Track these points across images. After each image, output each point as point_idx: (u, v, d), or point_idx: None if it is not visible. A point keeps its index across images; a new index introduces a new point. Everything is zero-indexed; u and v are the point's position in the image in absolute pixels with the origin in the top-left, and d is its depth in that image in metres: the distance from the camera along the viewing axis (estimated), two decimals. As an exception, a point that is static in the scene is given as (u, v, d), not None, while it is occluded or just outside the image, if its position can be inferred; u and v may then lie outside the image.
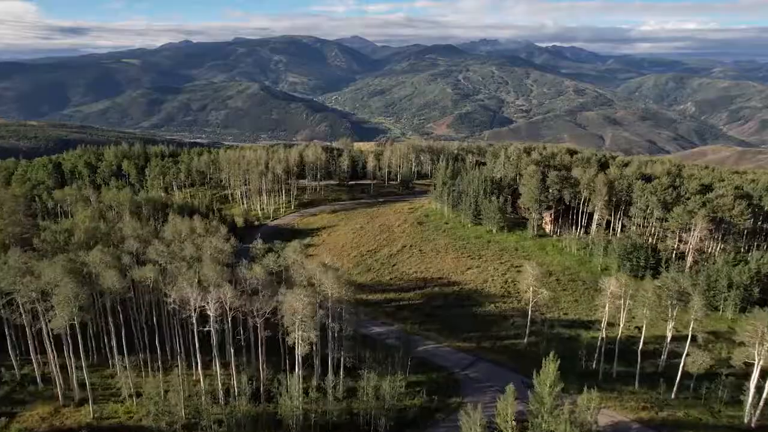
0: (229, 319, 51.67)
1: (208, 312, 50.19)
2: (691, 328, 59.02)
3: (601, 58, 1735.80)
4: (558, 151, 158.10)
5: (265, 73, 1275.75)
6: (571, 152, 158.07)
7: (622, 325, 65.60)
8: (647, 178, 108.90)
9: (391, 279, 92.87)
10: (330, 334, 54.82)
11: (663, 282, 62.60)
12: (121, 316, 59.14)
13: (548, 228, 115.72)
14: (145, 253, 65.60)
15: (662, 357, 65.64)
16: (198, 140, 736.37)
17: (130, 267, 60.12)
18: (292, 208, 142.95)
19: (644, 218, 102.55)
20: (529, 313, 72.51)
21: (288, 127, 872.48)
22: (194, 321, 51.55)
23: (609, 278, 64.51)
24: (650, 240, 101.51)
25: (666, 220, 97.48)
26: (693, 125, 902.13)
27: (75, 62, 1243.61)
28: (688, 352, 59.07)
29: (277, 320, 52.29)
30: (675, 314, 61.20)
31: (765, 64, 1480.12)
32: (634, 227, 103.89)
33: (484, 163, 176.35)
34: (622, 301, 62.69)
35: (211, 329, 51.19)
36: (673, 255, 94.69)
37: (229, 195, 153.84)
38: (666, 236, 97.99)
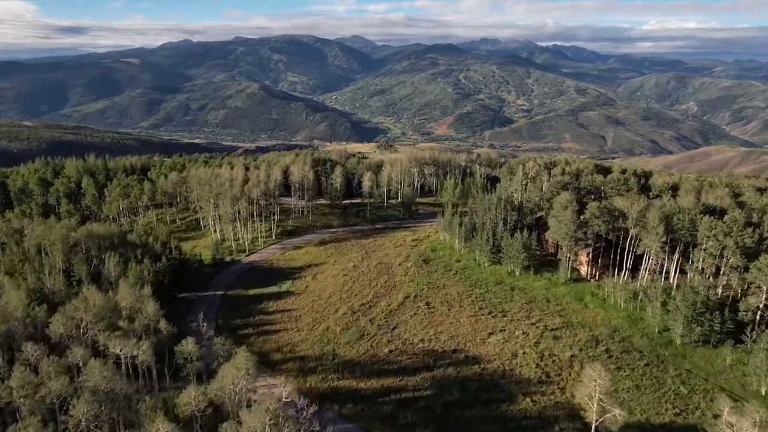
0: None
1: None
2: None
3: (602, 57, 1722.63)
4: (584, 167, 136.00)
5: (265, 72, 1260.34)
6: (601, 169, 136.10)
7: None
8: (711, 210, 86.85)
9: (390, 351, 70.64)
10: None
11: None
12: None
13: (584, 270, 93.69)
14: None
15: None
16: (196, 140, 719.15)
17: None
18: (273, 237, 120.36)
19: (715, 265, 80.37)
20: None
21: (287, 127, 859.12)
22: None
23: (741, 418, 42.08)
24: (719, 290, 79.68)
25: (747, 270, 75.48)
26: (695, 125, 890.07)
27: (74, 62, 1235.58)
28: None
29: None
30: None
31: (766, 64, 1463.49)
32: (699, 276, 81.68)
33: (498, 179, 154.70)
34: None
35: None
36: (757, 317, 72.60)
37: (200, 220, 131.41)
38: (748, 291, 75.86)
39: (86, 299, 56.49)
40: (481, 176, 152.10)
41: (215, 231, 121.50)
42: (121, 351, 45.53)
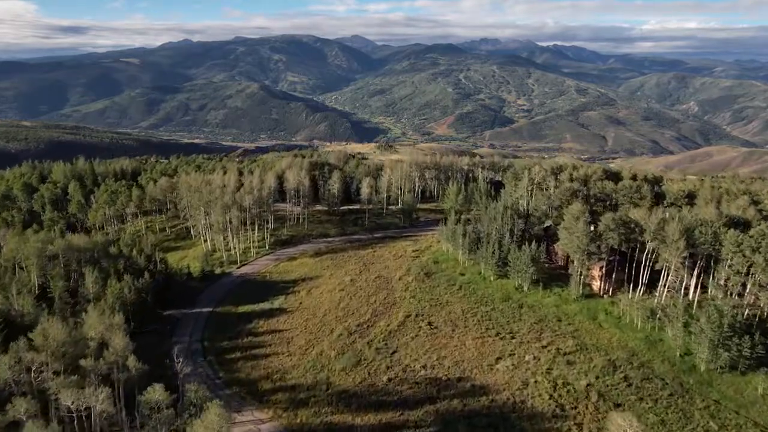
0: None
1: None
2: None
3: (602, 57, 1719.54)
4: (592, 173, 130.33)
5: (265, 72, 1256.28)
6: (610, 174, 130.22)
7: None
8: (735, 222, 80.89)
9: (389, 380, 64.65)
10: None
11: None
12: None
13: (596, 285, 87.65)
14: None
15: None
16: (196, 140, 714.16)
17: None
18: (267, 247, 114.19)
19: (741, 283, 74.42)
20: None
21: (287, 127, 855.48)
22: None
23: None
24: (745, 310, 73.74)
25: (775, 289, 69.65)
26: (696, 125, 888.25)
27: (74, 61, 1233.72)
28: None
29: None
30: None
31: (766, 64, 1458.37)
32: (721, 293, 75.81)
33: (502, 183, 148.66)
34: None
35: None
36: (789, 340, 66.58)
37: (191, 229, 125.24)
38: (778, 313, 70.05)
39: (45, 333, 49.81)
40: (484, 181, 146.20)
41: (205, 240, 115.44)
42: (72, 404, 39.39)
